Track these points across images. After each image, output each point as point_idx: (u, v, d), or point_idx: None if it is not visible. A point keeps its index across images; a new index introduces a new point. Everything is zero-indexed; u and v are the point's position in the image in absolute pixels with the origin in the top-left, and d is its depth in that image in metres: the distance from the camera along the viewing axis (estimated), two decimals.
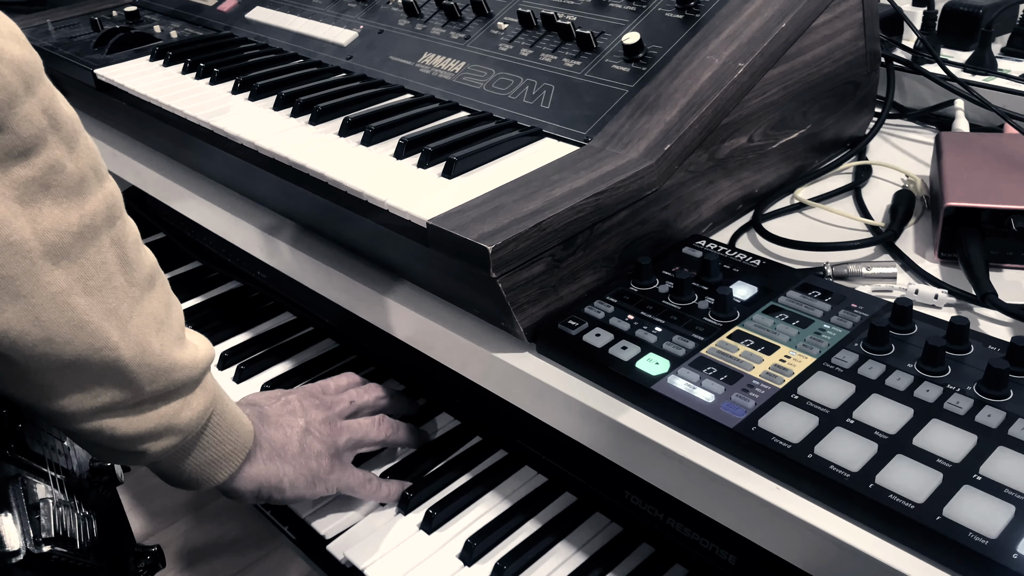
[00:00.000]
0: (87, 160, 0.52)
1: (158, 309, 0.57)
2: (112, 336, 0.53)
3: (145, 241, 0.59)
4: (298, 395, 0.76)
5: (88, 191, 0.51)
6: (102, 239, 0.52)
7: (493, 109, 0.79)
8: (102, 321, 0.52)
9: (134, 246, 0.56)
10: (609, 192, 0.64)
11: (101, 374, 0.54)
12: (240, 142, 0.80)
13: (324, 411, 0.75)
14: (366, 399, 0.80)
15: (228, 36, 1.07)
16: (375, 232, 0.70)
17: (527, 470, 0.81)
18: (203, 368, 0.60)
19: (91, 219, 0.51)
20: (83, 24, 1.16)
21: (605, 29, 0.81)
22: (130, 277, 0.54)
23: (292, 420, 0.73)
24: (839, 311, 0.63)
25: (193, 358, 0.59)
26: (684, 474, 0.55)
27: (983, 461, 0.49)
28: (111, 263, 0.53)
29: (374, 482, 0.77)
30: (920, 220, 0.79)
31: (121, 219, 0.55)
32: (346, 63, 0.94)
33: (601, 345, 0.61)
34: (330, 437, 0.74)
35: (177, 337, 0.58)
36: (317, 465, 0.72)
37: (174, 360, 0.57)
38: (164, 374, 0.57)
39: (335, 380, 0.81)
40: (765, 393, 0.55)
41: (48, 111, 0.49)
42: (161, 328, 0.57)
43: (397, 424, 0.81)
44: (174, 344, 0.58)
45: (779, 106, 0.78)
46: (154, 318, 0.56)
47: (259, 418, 0.71)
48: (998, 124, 0.90)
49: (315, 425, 0.74)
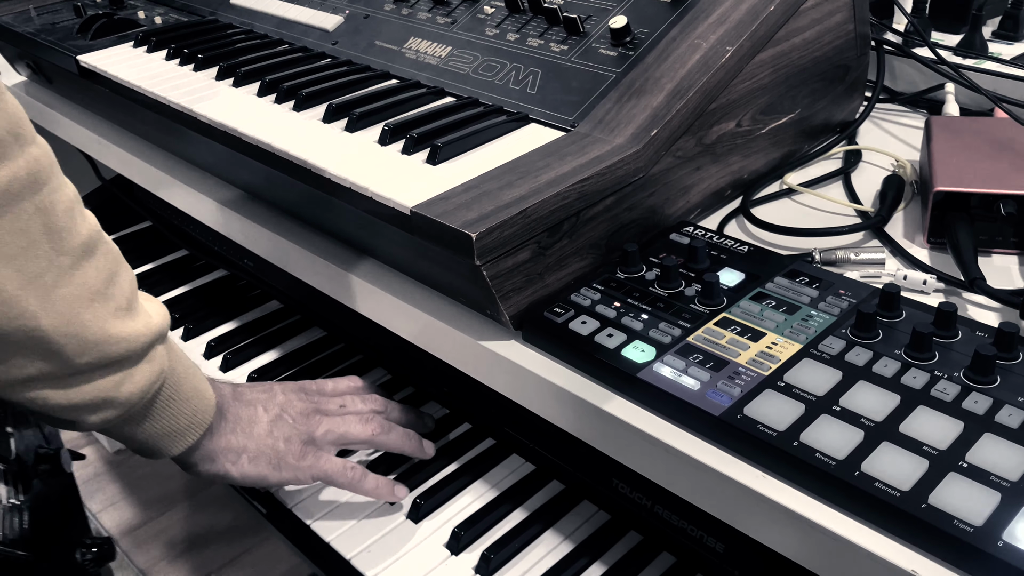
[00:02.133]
0: (6, 123, 0.49)
1: (94, 279, 0.55)
2: (30, 306, 0.51)
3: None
4: (285, 387, 0.74)
5: (3, 156, 0.49)
6: (23, 205, 0.50)
7: (479, 94, 0.79)
8: (18, 290, 0.51)
9: (66, 213, 0.53)
10: (595, 178, 0.63)
11: (21, 345, 0.52)
12: (223, 129, 0.79)
13: (306, 403, 0.73)
14: (360, 407, 0.76)
15: (212, 22, 1.06)
16: (360, 219, 0.70)
17: (515, 458, 0.81)
18: (148, 341, 0.59)
19: (7, 185, 0.49)
20: (66, 10, 1.15)
21: (592, 13, 0.80)
22: (58, 246, 0.53)
23: (268, 404, 0.71)
24: (827, 297, 0.62)
25: (136, 331, 0.57)
26: (670, 462, 0.55)
27: (969, 448, 0.49)
28: (34, 230, 0.51)
29: (356, 471, 0.73)
30: (910, 205, 0.79)
31: (49, 185, 0.53)
32: (331, 48, 0.93)
33: (587, 333, 0.61)
34: (305, 425, 0.71)
35: (118, 308, 0.57)
36: (285, 448, 0.70)
37: (109, 333, 0.55)
38: (96, 347, 0.55)
39: (335, 382, 0.78)
40: (751, 380, 0.55)
41: None
42: (96, 299, 0.55)
43: (389, 425, 0.75)
44: (112, 316, 0.56)
45: (768, 90, 0.77)
46: (88, 288, 0.54)
47: (233, 395, 0.70)
48: (988, 108, 0.89)
49: (291, 412, 0.71)
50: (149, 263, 1.16)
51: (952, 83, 0.92)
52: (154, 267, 1.15)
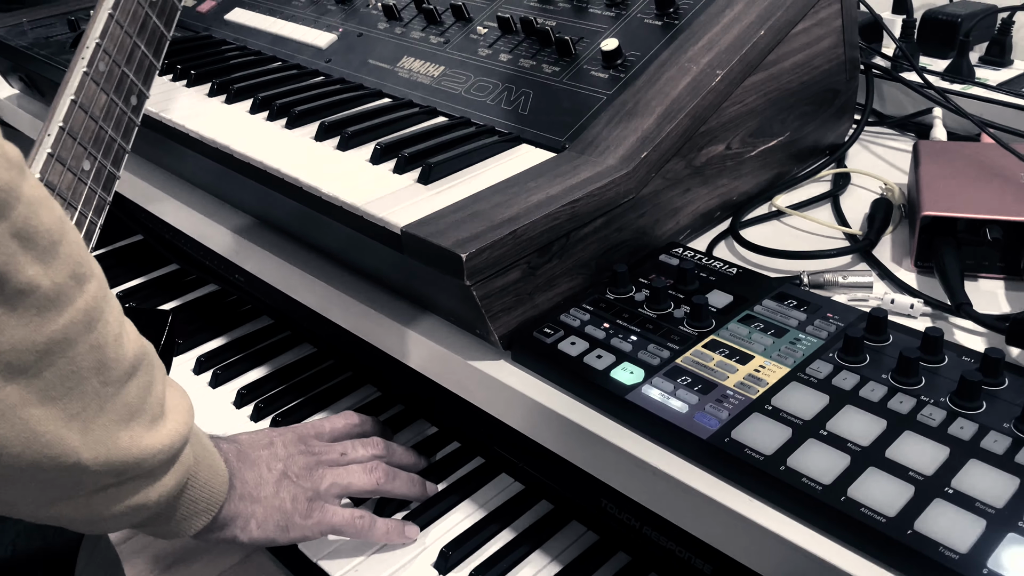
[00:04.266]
0: (67, 268, 0.46)
1: (135, 398, 0.52)
2: (72, 443, 0.48)
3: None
4: (285, 439, 0.73)
5: (64, 303, 0.46)
6: (77, 348, 0.47)
7: (471, 114, 0.79)
8: (60, 429, 0.47)
9: (115, 343, 0.50)
10: (585, 199, 0.64)
11: (57, 476, 0.49)
12: (215, 146, 0.79)
13: (309, 457, 0.72)
14: (361, 453, 0.75)
15: (206, 38, 1.06)
16: (350, 238, 0.70)
17: (504, 478, 0.81)
18: (179, 446, 0.55)
19: (64, 333, 0.46)
20: (60, 24, 1.15)
21: (584, 35, 0.81)
22: (105, 378, 0.49)
23: (272, 462, 0.69)
24: (814, 321, 0.62)
25: (170, 438, 0.54)
26: (657, 485, 0.55)
27: (955, 474, 0.49)
28: (85, 369, 0.48)
29: (365, 519, 0.72)
30: (898, 229, 0.79)
31: (102, 320, 0.49)
32: (325, 66, 0.94)
33: (576, 354, 0.61)
34: (309, 481, 0.70)
35: (153, 419, 0.53)
36: (292, 508, 0.68)
37: (144, 449, 0.52)
38: (132, 467, 0.52)
39: (331, 422, 0.77)
40: (739, 404, 0.55)
41: (21, 233, 0.44)
42: (134, 418, 0.52)
43: (393, 472, 0.74)
44: (146, 429, 0.53)
45: (758, 113, 0.78)
46: (128, 409, 0.51)
47: (237, 457, 0.68)
48: (976, 132, 0.90)
49: (295, 469, 0.70)
50: (140, 277, 1.15)
51: (940, 108, 0.93)
52: (145, 281, 1.15)
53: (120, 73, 0.65)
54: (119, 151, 0.66)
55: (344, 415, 0.79)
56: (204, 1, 1.14)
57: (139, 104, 0.67)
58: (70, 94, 0.63)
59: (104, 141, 0.65)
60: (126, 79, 0.65)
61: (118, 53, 0.65)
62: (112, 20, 0.64)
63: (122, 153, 0.67)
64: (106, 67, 0.64)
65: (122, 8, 0.64)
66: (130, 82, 0.66)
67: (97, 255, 1.17)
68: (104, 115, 0.65)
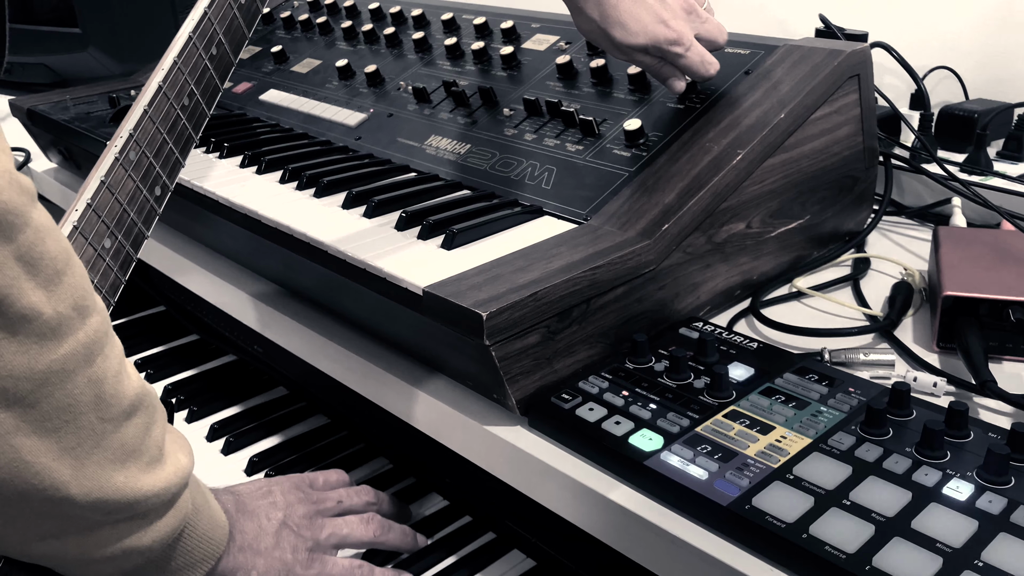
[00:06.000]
0: (71, 298, 0.47)
1: (132, 439, 0.51)
2: (62, 476, 0.48)
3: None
4: (282, 487, 0.73)
5: (65, 334, 0.46)
6: (75, 380, 0.47)
7: (495, 189, 0.81)
8: (52, 462, 0.47)
9: (115, 379, 0.50)
10: (606, 267, 0.64)
11: (45, 509, 0.48)
12: (244, 212, 0.81)
13: (308, 506, 0.72)
14: (355, 501, 0.76)
15: (240, 115, 1.10)
16: (373, 302, 0.70)
17: (516, 553, 0.79)
18: (176, 491, 0.55)
19: (63, 364, 0.46)
20: (101, 101, 1.19)
21: (608, 116, 0.83)
22: (103, 414, 0.49)
23: (271, 512, 0.69)
24: (836, 394, 0.62)
25: (167, 482, 0.54)
26: (676, 553, 0.53)
27: (984, 547, 0.47)
28: (82, 403, 0.48)
29: (364, 569, 0.71)
30: (919, 312, 0.79)
31: (103, 354, 0.49)
32: (354, 143, 0.96)
33: (594, 420, 0.60)
34: (309, 531, 0.70)
35: (150, 461, 0.53)
36: (293, 559, 0.68)
37: (138, 490, 0.52)
38: (125, 508, 0.51)
39: (324, 475, 0.78)
40: (760, 472, 0.54)
41: (26, 257, 0.44)
42: (130, 458, 0.51)
43: (388, 524, 0.75)
44: (143, 471, 0.52)
45: (778, 195, 0.79)
46: (123, 449, 0.51)
47: (236, 507, 0.67)
48: (994, 223, 0.91)
49: (294, 519, 0.70)
50: (160, 346, 1.16)
51: (959, 197, 0.93)
52: (164, 350, 1.15)
53: (148, 163, 0.68)
54: (139, 235, 0.69)
55: (336, 471, 0.79)
56: (240, 83, 1.19)
57: (162, 195, 0.71)
58: (100, 175, 0.66)
59: (126, 223, 0.68)
60: (152, 170, 0.69)
61: (148, 146, 0.68)
62: (146, 116, 0.68)
63: (141, 238, 0.70)
64: (136, 156, 0.68)
65: (156, 107, 0.69)
66: (156, 173, 0.69)
67: (117, 324, 1.19)
68: (129, 200, 0.68)
